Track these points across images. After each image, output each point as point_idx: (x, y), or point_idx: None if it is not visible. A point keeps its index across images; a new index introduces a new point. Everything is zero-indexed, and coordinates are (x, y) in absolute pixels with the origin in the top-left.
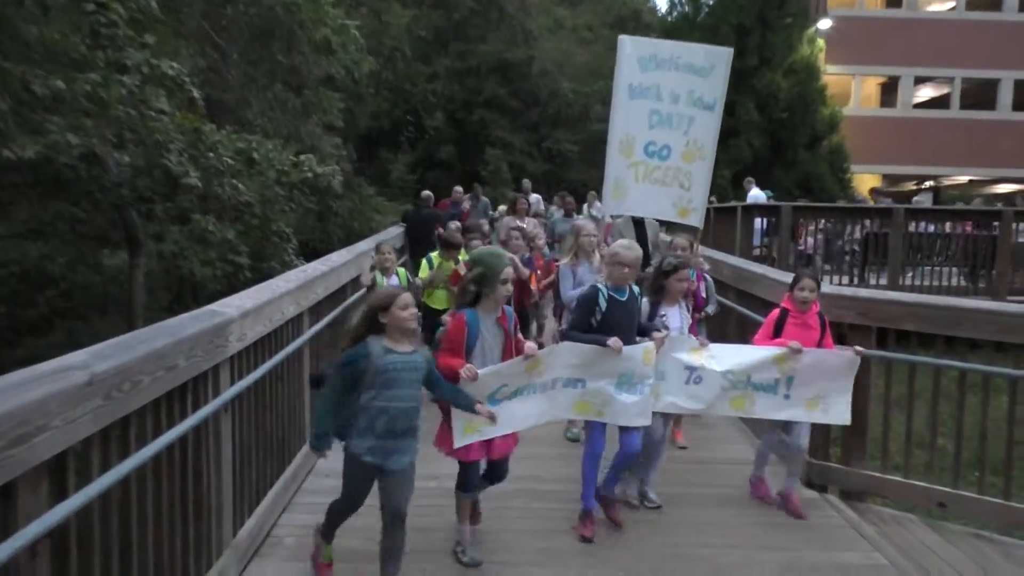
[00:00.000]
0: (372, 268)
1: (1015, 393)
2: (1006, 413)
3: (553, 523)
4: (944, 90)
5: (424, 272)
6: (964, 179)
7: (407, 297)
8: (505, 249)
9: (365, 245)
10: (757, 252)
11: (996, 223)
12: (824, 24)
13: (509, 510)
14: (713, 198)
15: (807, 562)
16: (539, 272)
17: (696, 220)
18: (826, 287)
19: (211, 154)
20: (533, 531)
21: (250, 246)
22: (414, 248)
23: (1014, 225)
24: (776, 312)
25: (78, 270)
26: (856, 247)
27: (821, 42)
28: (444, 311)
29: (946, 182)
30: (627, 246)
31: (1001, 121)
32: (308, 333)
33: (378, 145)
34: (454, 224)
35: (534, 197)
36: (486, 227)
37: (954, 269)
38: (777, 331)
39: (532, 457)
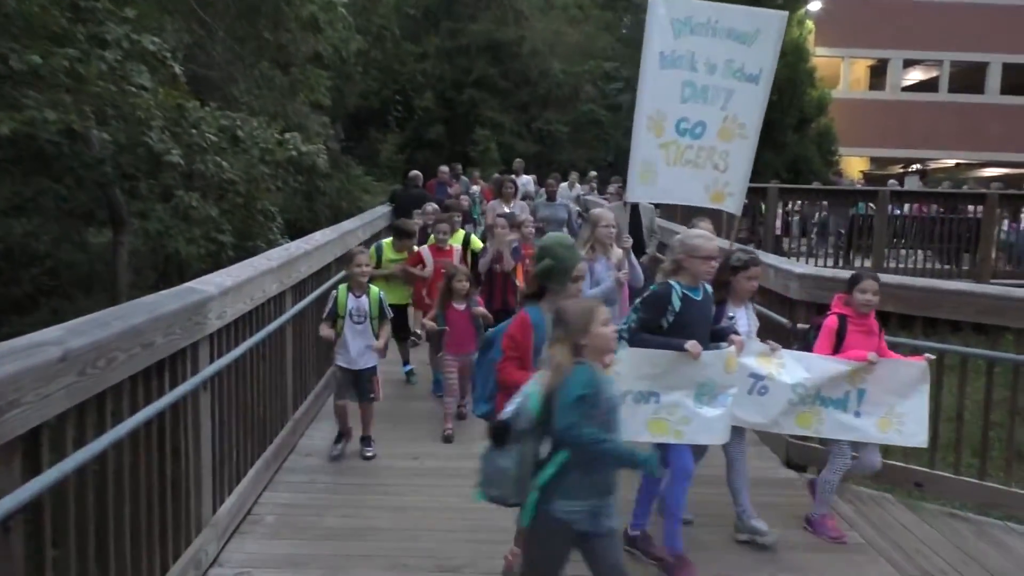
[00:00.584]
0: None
1: (991, 375)
2: (983, 394)
3: None
4: (933, 73)
5: (371, 258)
6: (952, 163)
7: (606, 310)
8: (490, 235)
9: (351, 224)
10: (742, 235)
11: (962, 206)
12: (814, 6)
13: None
14: None
15: (784, 540)
16: (528, 263)
17: (733, 206)
18: (807, 268)
19: (194, 131)
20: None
21: (234, 225)
22: None
23: (998, 210)
24: (833, 320)
25: (63, 248)
26: (842, 230)
27: (810, 24)
28: (398, 306)
29: (934, 165)
30: (706, 236)
31: (989, 105)
32: (290, 312)
33: (367, 125)
34: (431, 207)
35: (524, 179)
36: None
37: (939, 252)
38: (839, 341)
39: None
